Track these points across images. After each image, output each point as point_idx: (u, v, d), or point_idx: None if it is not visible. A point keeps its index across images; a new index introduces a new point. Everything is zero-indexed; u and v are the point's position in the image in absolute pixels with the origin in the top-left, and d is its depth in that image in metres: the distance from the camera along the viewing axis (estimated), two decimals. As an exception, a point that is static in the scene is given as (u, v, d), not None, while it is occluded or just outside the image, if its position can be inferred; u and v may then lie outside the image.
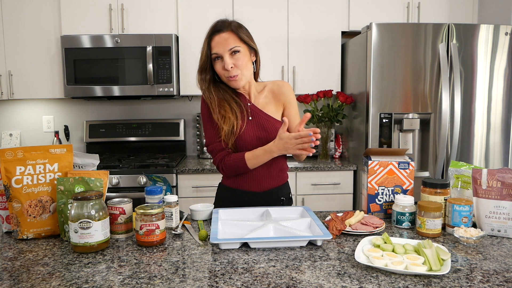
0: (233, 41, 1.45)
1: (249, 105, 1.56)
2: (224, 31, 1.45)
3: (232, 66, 1.44)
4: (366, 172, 1.45)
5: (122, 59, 2.85)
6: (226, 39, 1.44)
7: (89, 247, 1.14)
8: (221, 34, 1.45)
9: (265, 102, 1.59)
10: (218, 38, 1.45)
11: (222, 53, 1.44)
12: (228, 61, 1.44)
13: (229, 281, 0.96)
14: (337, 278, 0.97)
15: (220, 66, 1.46)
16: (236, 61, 1.45)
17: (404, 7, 3.02)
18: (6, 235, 1.33)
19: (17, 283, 0.97)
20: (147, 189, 1.34)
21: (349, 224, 1.31)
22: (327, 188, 2.83)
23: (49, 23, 2.91)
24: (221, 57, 1.45)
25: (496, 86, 2.61)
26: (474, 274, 0.99)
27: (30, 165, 1.27)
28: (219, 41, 1.44)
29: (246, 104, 1.56)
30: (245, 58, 1.47)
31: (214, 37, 1.45)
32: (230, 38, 1.45)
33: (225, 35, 1.44)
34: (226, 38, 1.44)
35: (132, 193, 2.64)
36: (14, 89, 2.95)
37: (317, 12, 2.99)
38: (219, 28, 1.46)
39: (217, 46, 1.44)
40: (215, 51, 1.45)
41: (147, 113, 3.35)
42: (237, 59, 1.45)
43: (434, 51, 2.54)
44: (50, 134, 3.31)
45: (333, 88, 3.04)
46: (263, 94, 1.60)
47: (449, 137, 2.58)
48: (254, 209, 1.43)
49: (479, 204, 1.30)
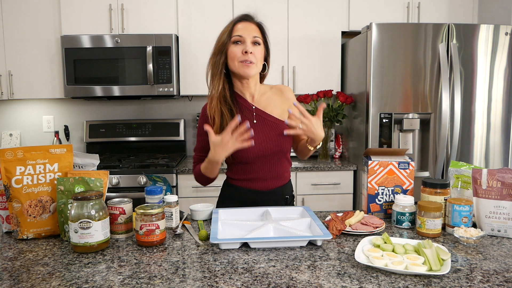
0: (257, 32, 1.48)
1: (254, 108, 1.54)
2: (251, 22, 1.49)
3: (252, 51, 1.45)
4: (366, 172, 1.45)
5: (122, 59, 2.85)
6: (253, 29, 1.47)
7: (89, 247, 1.14)
8: (248, 23, 1.48)
9: (269, 103, 1.57)
10: (244, 24, 1.47)
11: (245, 36, 1.45)
12: (250, 46, 1.45)
13: (229, 281, 0.96)
14: (337, 278, 0.97)
15: (239, 49, 1.45)
16: (255, 50, 1.46)
17: (404, 7, 3.02)
18: (6, 235, 1.33)
19: (17, 283, 0.97)
20: (147, 189, 1.34)
21: (349, 224, 1.31)
22: (327, 188, 2.83)
23: (49, 23, 2.91)
24: (242, 42, 1.45)
25: (496, 86, 2.61)
26: (474, 274, 0.99)
27: (30, 165, 1.27)
28: (246, 26, 1.47)
29: (250, 107, 1.54)
30: (262, 52, 1.50)
31: (240, 23, 1.47)
32: (256, 30, 1.48)
33: (252, 25, 1.48)
34: (253, 28, 1.48)
35: (132, 193, 2.64)
36: (14, 89, 2.96)
37: (317, 12, 2.99)
38: (246, 17, 1.49)
39: (242, 30, 1.46)
40: (239, 33, 1.45)
41: (147, 113, 3.35)
42: (256, 49, 1.47)
43: (434, 51, 2.54)
44: (50, 134, 3.31)
45: (333, 88, 3.04)
46: (266, 96, 1.59)
47: (449, 137, 2.58)
48: (254, 209, 1.43)
49: (479, 204, 1.30)
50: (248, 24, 1.48)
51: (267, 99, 1.58)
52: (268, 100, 1.58)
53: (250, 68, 1.46)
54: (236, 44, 1.46)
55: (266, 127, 1.52)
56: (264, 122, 1.53)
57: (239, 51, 1.45)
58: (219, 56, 1.48)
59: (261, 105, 1.56)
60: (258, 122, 1.53)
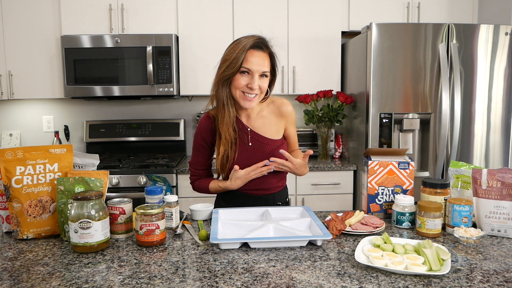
0: (267, 64, 1.43)
1: (249, 130, 1.54)
2: (264, 51, 1.43)
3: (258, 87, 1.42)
4: (366, 172, 1.45)
5: (122, 59, 2.85)
6: (263, 60, 1.41)
7: (89, 247, 1.14)
8: (261, 53, 1.41)
9: (265, 124, 1.55)
10: (257, 55, 1.40)
11: (255, 71, 1.40)
12: (256, 80, 1.41)
13: (229, 281, 0.96)
14: (337, 278, 0.97)
15: (244, 81, 1.41)
16: (261, 83, 1.42)
17: (404, 7, 3.02)
18: (6, 235, 1.33)
19: (17, 283, 0.97)
20: (147, 189, 1.34)
21: (349, 224, 1.31)
22: (327, 188, 2.82)
23: (49, 23, 2.91)
24: (250, 74, 1.41)
25: (496, 86, 2.61)
26: (474, 274, 0.99)
27: (30, 165, 1.27)
28: (258, 60, 1.40)
29: (246, 130, 1.53)
30: (267, 83, 1.47)
31: (253, 52, 1.40)
32: (266, 61, 1.43)
33: (264, 56, 1.42)
34: (263, 59, 1.42)
35: (132, 193, 2.64)
36: (14, 89, 2.95)
37: (317, 12, 2.99)
38: (261, 45, 1.42)
39: (253, 63, 1.39)
40: (249, 66, 1.39)
41: (147, 113, 3.35)
42: (262, 82, 1.43)
43: (434, 51, 2.54)
44: (50, 134, 3.31)
45: (333, 88, 3.04)
46: (262, 114, 1.56)
47: (449, 137, 2.58)
48: (254, 209, 1.43)
49: (479, 204, 1.30)
50: (261, 54, 1.41)
51: (263, 120, 1.56)
52: (264, 120, 1.56)
53: (251, 102, 1.44)
54: (242, 74, 1.41)
55: (260, 149, 1.53)
56: (259, 144, 1.53)
57: (244, 82, 1.41)
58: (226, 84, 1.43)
59: (257, 127, 1.55)
60: (253, 144, 1.53)
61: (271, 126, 1.56)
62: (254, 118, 1.55)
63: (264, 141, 1.54)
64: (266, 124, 1.55)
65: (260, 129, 1.55)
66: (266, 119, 1.56)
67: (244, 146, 1.52)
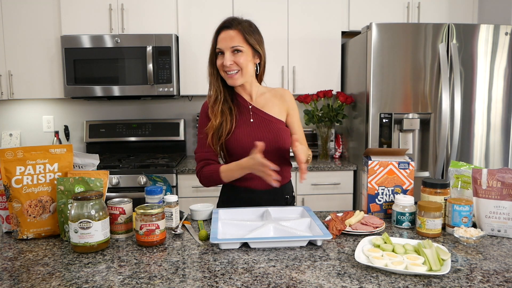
0: (238, 40, 1.47)
1: (251, 107, 1.56)
2: (232, 29, 1.47)
3: (231, 63, 1.47)
4: (366, 172, 1.45)
5: (122, 59, 2.85)
6: (232, 37, 1.46)
7: (89, 247, 1.14)
8: (228, 31, 1.47)
9: (267, 103, 1.59)
10: (224, 34, 1.47)
11: (224, 48, 1.46)
12: (228, 57, 1.46)
13: (229, 281, 0.96)
14: (337, 278, 0.97)
15: (220, 60, 1.49)
16: (236, 58, 1.47)
17: (404, 7, 3.02)
18: (6, 235, 1.33)
19: (17, 283, 0.97)
20: (147, 189, 1.34)
21: (349, 224, 1.31)
22: (327, 188, 2.82)
23: (49, 23, 2.91)
24: (223, 53, 1.47)
25: (496, 86, 2.61)
26: (474, 274, 0.99)
27: (30, 165, 1.27)
28: (224, 37, 1.47)
29: (247, 106, 1.56)
30: (247, 58, 1.49)
31: (221, 33, 1.48)
32: (236, 37, 1.47)
33: (232, 33, 1.47)
34: (232, 36, 1.46)
35: (132, 193, 2.64)
36: (14, 89, 2.95)
37: (317, 12, 2.99)
38: (227, 25, 1.48)
39: (221, 42, 1.47)
40: (219, 46, 1.48)
41: (147, 113, 3.35)
42: (238, 56, 1.47)
43: (434, 51, 2.54)
44: (50, 134, 3.31)
45: (333, 88, 3.04)
46: (264, 97, 1.60)
47: (449, 137, 2.58)
48: (254, 209, 1.43)
49: (479, 204, 1.30)
50: (228, 32, 1.47)
51: (265, 99, 1.60)
52: (266, 100, 1.60)
53: (234, 78, 1.50)
54: (219, 55, 1.50)
55: (263, 126, 1.54)
56: (261, 120, 1.55)
57: (220, 63, 1.49)
58: (210, 67, 1.54)
59: (259, 105, 1.59)
60: (254, 120, 1.55)
61: (273, 106, 1.60)
62: (256, 98, 1.60)
63: (267, 117, 1.56)
64: (268, 104, 1.59)
65: (262, 107, 1.58)
66: (269, 100, 1.60)
67: (245, 122, 1.54)
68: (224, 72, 1.50)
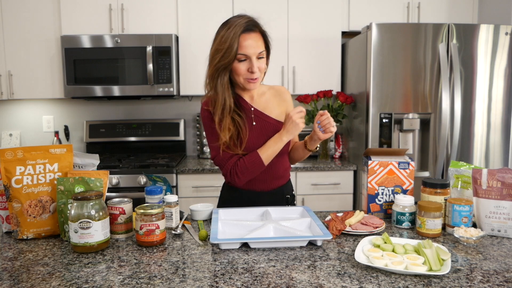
0: (261, 44, 1.41)
1: (252, 110, 1.53)
2: (256, 32, 1.39)
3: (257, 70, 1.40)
4: (366, 172, 1.45)
5: (122, 59, 2.85)
6: (257, 42, 1.38)
7: (89, 247, 1.14)
8: (252, 34, 1.38)
9: (268, 105, 1.56)
10: (249, 39, 1.37)
11: (251, 55, 1.37)
12: (255, 63, 1.39)
13: (229, 281, 0.96)
14: (337, 278, 0.97)
15: (244, 67, 1.39)
16: (260, 64, 1.41)
17: (404, 7, 3.02)
18: (6, 235, 1.33)
19: (17, 283, 0.97)
20: (147, 189, 1.34)
21: (349, 224, 1.31)
22: (327, 188, 2.82)
23: (49, 23, 2.91)
24: (248, 59, 1.38)
25: (496, 86, 2.61)
26: (474, 274, 0.99)
27: (30, 165, 1.27)
28: (251, 42, 1.37)
29: (249, 109, 1.53)
30: (266, 62, 1.45)
31: (245, 36, 1.36)
32: (260, 41, 1.40)
33: (256, 37, 1.39)
34: (257, 41, 1.38)
35: (132, 193, 2.64)
36: (14, 89, 2.95)
37: (317, 12, 2.99)
38: (251, 27, 1.38)
39: (248, 47, 1.36)
40: (245, 52, 1.36)
41: (147, 113, 3.35)
42: (261, 62, 1.41)
43: (434, 51, 2.54)
44: (50, 134, 3.31)
45: (333, 88, 3.04)
46: (265, 97, 1.58)
47: (449, 137, 2.58)
48: (254, 209, 1.43)
49: (479, 204, 1.30)
50: (252, 36, 1.37)
51: (266, 101, 1.57)
52: (267, 102, 1.57)
53: (255, 84, 1.43)
54: (241, 61, 1.38)
55: (265, 129, 1.52)
56: (263, 124, 1.53)
57: (244, 68, 1.39)
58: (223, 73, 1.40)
59: (260, 107, 1.55)
60: (257, 124, 1.52)
61: (274, 107, 1.57)
62: (257, 98, 1.56)
63: (268, 120, 1.53)
64: (269, 105, 1.56)
65: (264, 109, 1.55)
66: (269, 101, 1.57)
67: (249, 126, 1.49)
68: (245, 79, 1.41)
